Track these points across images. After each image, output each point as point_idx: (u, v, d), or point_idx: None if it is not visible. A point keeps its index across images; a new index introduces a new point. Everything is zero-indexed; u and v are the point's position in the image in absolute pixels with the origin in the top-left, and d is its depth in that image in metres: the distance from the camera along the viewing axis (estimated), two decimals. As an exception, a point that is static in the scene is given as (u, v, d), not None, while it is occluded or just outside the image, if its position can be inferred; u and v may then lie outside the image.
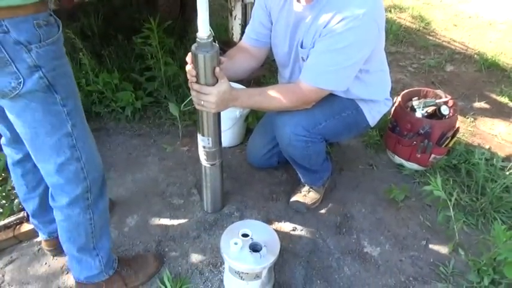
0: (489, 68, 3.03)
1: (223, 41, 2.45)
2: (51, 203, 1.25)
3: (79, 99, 1.16)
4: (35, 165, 1.21)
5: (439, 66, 3.05)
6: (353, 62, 1.37)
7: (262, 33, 1.59)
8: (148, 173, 2.01)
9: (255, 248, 1.33)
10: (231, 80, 1.41)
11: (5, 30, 0.91)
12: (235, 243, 1.32)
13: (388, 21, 3.68)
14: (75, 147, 1.14)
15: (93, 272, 1.36)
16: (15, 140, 1.24)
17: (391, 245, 1.70)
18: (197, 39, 1.25)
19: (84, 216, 1.24)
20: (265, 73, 2.68)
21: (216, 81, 1.33)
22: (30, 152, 1.17)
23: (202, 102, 1.34)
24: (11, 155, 1.35)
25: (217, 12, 3.35)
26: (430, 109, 2.01)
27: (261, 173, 2.01)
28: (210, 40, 1.26)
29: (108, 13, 3.08)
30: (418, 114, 2.01)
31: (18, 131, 1.10)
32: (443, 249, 1.69)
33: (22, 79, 0.97)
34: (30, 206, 1.45)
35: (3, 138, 1.33)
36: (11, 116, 1.07)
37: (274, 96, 1.41)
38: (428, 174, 1.99)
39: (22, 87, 0.98)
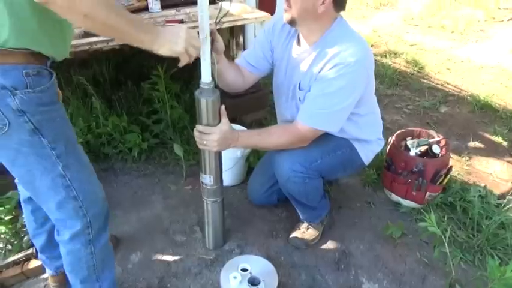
0: (482, 109, 3.14)
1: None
2: (56, 237, 1.30)
3: (72, 142, 1.20)
4: None
5: (434, 108, 3.17)
6: (345, 105, 1.48)
7: (261, 62, 1.70)
8: (153, 211, 2.08)
9: (253, 282, 1.38)
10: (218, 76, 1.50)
11: None
12: (235, 277, 1.37)
13: (384, 66, 3.86)
14: (70, 187, 1.17)
15: None
16: None
17: (389, 281, 1.72)
18: (200, 85, 1.38)
19: (85, 251, 1.28)
20: (266, 115, 2.81)
21: (217, 123, 1.44)
22: (30, 195, 1.24)
23: (204, 142, 1.45)
24: (23, 191, 1.44)
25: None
26: (423, 148, 2.10)
27: (261, 210, 2.08)
28: (212, 86, 1.39)
29: (119, 61, 3.28)
30: (412, 153, 2.10)
31: (15, 176, 1.18)
32: (441, 286, 1.71)
33: (7, 121, 1.02)
34: (39, 242, 1.52)
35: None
36: (7, 165, 1.13)
37: (272, 136, 1.52)
38: (424, 211, 2.04)
39: (8, 129, 1.03)
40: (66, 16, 0.97)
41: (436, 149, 2.04)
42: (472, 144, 2.73)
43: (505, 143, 2.74)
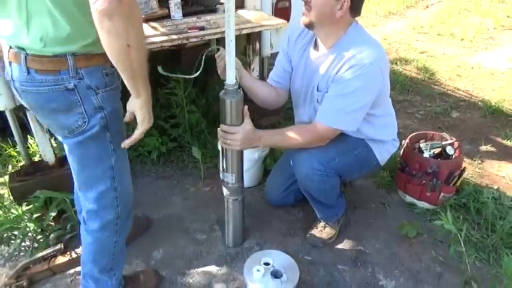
0: (493, 114, 3.18)
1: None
2: (82, 227, 1.40)
3: (123, 137, 1.31)
4: None
5: (445, 113, 3.22)
6: (361, 105, 1.54)
7: (284, 77, 1.81)
8: (173, 211, 2.14)
9: (276, 275, 1.42)
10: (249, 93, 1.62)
11: (80, 77, 1.10)
12: (258, 270, 1.42)
13: (395, 73, 3.92)
14: (114, 178, 1.29)
15: None
16: None
17: (406, 278, 1.76)
18: (225, 86, 1.45)
19: (111, 240, 1.39)
20: (280, 120, 2.87)
21: (241, 123, 1.51)
22: (76, 184, 1.34)
23: (228, 141, 1.52)
24: None
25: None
26: (437, 150, 2.14)
27: (278, 210, 2.13)
28: (236, 87, 1.46)
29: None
30: (426, 155, 2.15)
31: (70, 162, 1.28)
32: (457, 283, 1.74)
33: (87, 118, 1.15)
34: None
35: None
36: (68, 151, 1.25)
37: (293, 135, 1.59)
38: (439, 211, 2.08)
39: (87, 125, 1.15)
40: (110, 39, 0.98)
41: (450, 150, 2.08)
42: (483, 148, 2.77)
43: (516, 147, 2.77)
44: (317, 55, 1.64)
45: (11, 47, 1.10)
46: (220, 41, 2.30)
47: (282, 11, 2.47)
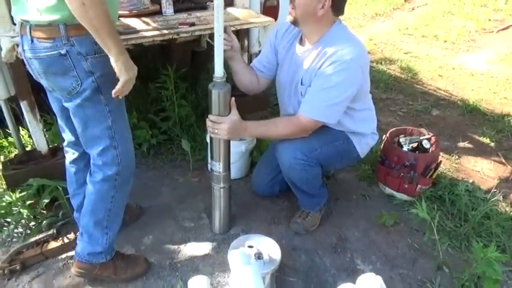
0: (471, 113, 3.32)
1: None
2: (88, 178, 1.55)
3: (122, 104, 1.48)
4: (85, 165, 1.59)
5: (426, 111, 3.35)
6: (342, 99, 1.64)
7: (267, 66, 1.91)
8: (163, 201, 2.22)
9: (259, 257, 1.52)
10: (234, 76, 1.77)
11: (72, 44, 1.27)
12: (241, 252, 1.51)
13: (379, 72, 4.05)
14: (113, 138, 1.46)
15: (96, 249, 1.61)
16: (75, 143, 1.59)
17: (382, 263, 1.87)
18: (213, 78, 1.54)
19: (109, 193, 1.54)
20: (267, 115, 2.96)
21: (228, 113, 1.60)
22: (82, 142, 1.51)
23: (216, 131, 1.61)
24: (69, 155, 1.68)
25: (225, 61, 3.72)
26: (414, 144, 2.26)
27: (264, 201, 2.22)
28: (224, 80, 1.55)
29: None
30: (405, 149, 2.26)
31: (75, 124, 1.45)
32: (430, 268, 1.85)
33: (80, 81, 1.32)
34: (77, 201, 1.74)
35: (65, 142, 1.67)
36: (72, 114, 1.42)
37: (277, 126, 1.69)
38: (416, 202, 2.19)
39: (80, 88, 1.33)
40: (68, 1, 1.16)
41: (426, 144, 2.20)
42: (461, 144, 2.90)
43: (492, 144, 2.91)
44: (302, 50, 1.74)
45: (22, 23, 1.30)
46: (210, 37, 2.38)
47: (270, 10, 2.57)
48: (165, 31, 1.97)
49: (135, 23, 2.05)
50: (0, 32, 1.63)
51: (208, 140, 1.80)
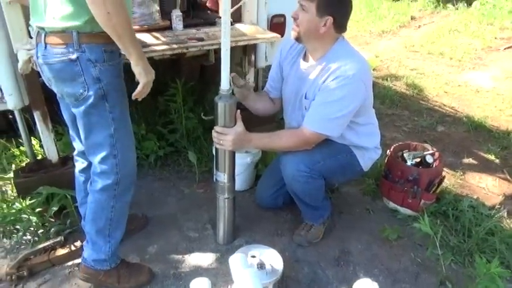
0: (476, 129, 3.33)
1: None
2: (88, 187, 1.59)
3: (126, 112, 1.52)
4: None
5: (431, 127, 3.37)
6: (344, 113, 1.68)
7: (276, 86, 1.98)
8: (168, 211, 2.26)
9: (261, 266, 1.54)
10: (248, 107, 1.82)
11: (83, 50, 1.33)
12: (244, 262, 1.53)
13: (385, 88, 4.09)
14: (114, 146, 1.49)
15: (100, 256, 1.64)
16: (84, 152, 1.61)
17: (384, 277, 1.88)
18: (220, 91, 1.59)
19: (108, 203, 1.56)
20: (274, 129, 3.00)
21: (233, 125, 1.65)
22: (85, 150, 1.55)
23: (221, 142, 1.65)
24: (79, 164, 1.74)
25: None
26: (418, 159, 2.28)
27: (268, 213, 2.25)
28: (230, 92, 1.60)
29: (134, 75, 3.52)
30: (408, 163, 2.28)
31: (80, 130, 1.49)
32: (433, 283, 1.86)
33: (87, 87, 1.37)
34: (84, 209, 1.76)
35: (75, 151, 1.73)
36: (77, 120, 1.47)
37: (281, 138, 1.74)
38: (419, 217, 2.20)
39: (87, 93, 1.38)
40: (93, 9, 1.24)
41: (429, 158, 2.22)
42: (466, 160, 2.91)
43: (497, 161, 2.92)
44: (306, 66, 1.79)
45: (38, 31, 1.37)
46: (218, 52, 2.45)
47: (277, 26, 2.63)
48: (175, 46, 2.04)
49: (146, 37, 2.12)
50: (17, 45, 1.70)
51: (213, 151, 1.85)
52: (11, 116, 2.60)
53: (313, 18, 1.62)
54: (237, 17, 2.47)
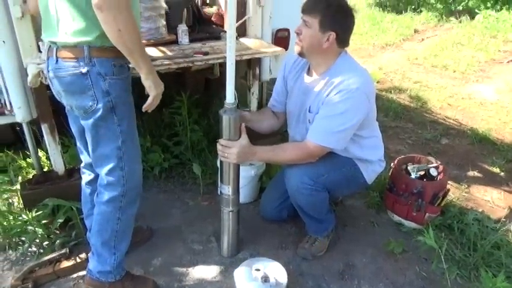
0: (481, 142, 3.33)
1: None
2: (95, 198, 1.61)
3: (133, 125, 1.54)
4: None
5: (435, 140, 3.37)
6: (348, 126, 1.69)
7: (280, 100, 1.99)
8: (172, 223, 2.26)
9: (265, 280, 1.54)
10: (254, 129, 1.80)
11: (93, 64, 1.37)
12: (249, 275, 1.53)
13: (389, 100, 4.11)
14: (121, 158, 1.51)
15: (105, 268, 1.64)
16: (92, 164, 1.63)
17: (390, 291, 1.87)
18: (225, 104, 1.61)
19: (114, 215, 1.58)
20: (278, 142, 3.01)
21: (238, 138, 1.67)
22: (92, 162, 1.57)
23: (226, 154, 1.67)
24: (85, 176, 1.76)
25: (237, 88, 3.83)
26: (422, 172, 2.28)
27: (272, 225, 2.25)
28: (234, 106, 1.62)
29: (142, 88, 3.57)
30: (412, 176, 2.28)
31: (88, 142, 1.52)
32: (438, 297, 1.84)
33: (96, 100, 1.40)
34: (90, 221, 1.78)
35: (83, 163, 1.75)
36: (86, 132, 1.49)
37: (285, 151, 1.75)
38: (425, 231, 2.19)
39: (96, 106, 1.41)
40: (105, 26, 1.27)
41: (433, 171, 2.22)
42: (471, 173, 2.90)
43: (502, 173, 2.91)
44: (310, 80, 1.81)
45: (50, 46, 1.42)
46: (223, 65, 2.48)
47: (281, 40, 2.67)
48: (181, 59, 2.07)
49: (152, 51, 2.16)
50: (27, 59, 1.74)
51: (218, 163, 1.86)
52: (18, 128, 2.64)
53: (316, 34, 1.64)
54: (241, 31, 2.51)
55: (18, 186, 2.19)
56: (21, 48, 1.76)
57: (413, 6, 8.03)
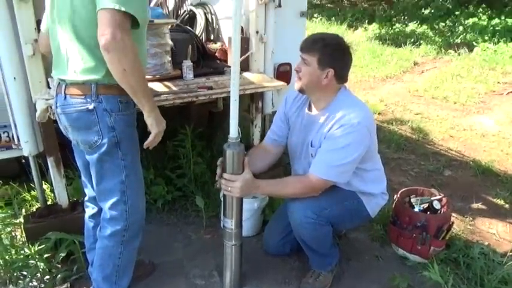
0: (484, 174, 3.33)
1: (245, 145, 2.87)
2: (97, 232, 1.61)
3: (137, 160, 1.57)
4: None
5: (438, 171, 3.37)
6: (350, 160, 1.71)
7: (280, 135, 2.01)
8: (175, 257, 2.24)
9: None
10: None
11: (100, 101, 1.42)
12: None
13: (390, 132, 4.14)
14: (124, 192, 1.54)
15: None
16: (95, 198, 1.64)
17: (396, 328, 1.82)
18: (228, 139, 1.64)
19: (116, 250, 1.58)
20: (281, 174, 3.03)
21: (241, 172, 1.68)
22: (96, 195, 1.59)
23: (229, 188, 1.68)
24: (89, 210, 1.77)
25: (240, 121, 3.88)
26: (425, 205, 2.27)
27: (275, 259, 2.22)
28: (238, 140, 1.65)
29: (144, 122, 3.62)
30: (416, 209, 2.27)
31: (92, 177, 1.54)
32: (446, 334, 1.80)
33: (101, 135, 1.44)
34: (92, 255, 1.77)
35: (86, 197, 1.77)
36: (90, 166, 1.52)
37: (288, 185, 1.77)
38: (430, 266, 2.16)
39: (101, 141, 1.45)
40: (110, 66, 1.32)
41: (436, 204, 2.21)
42: (475, 205, 2.89)
43: (506, 206, 2.89)
44: (311, 115, 1.85)
45: (59, 83, 1.48)
46: (226, 99, 2.53)
47: (283, 74, 2.73)
48: (185, 94, 2.13)
49: (157, 86, 2.22)
50: (37, 95, 1.79)
51: (221, 197, 1.87)
52: (23, 161, 2.67)
53: (315, 71, 1.70)
54: (244, 65, 2.58)
55: (21, 219, 2.19)
56: (31, 85, 1.81)
57: (412, 40, 8.21)
